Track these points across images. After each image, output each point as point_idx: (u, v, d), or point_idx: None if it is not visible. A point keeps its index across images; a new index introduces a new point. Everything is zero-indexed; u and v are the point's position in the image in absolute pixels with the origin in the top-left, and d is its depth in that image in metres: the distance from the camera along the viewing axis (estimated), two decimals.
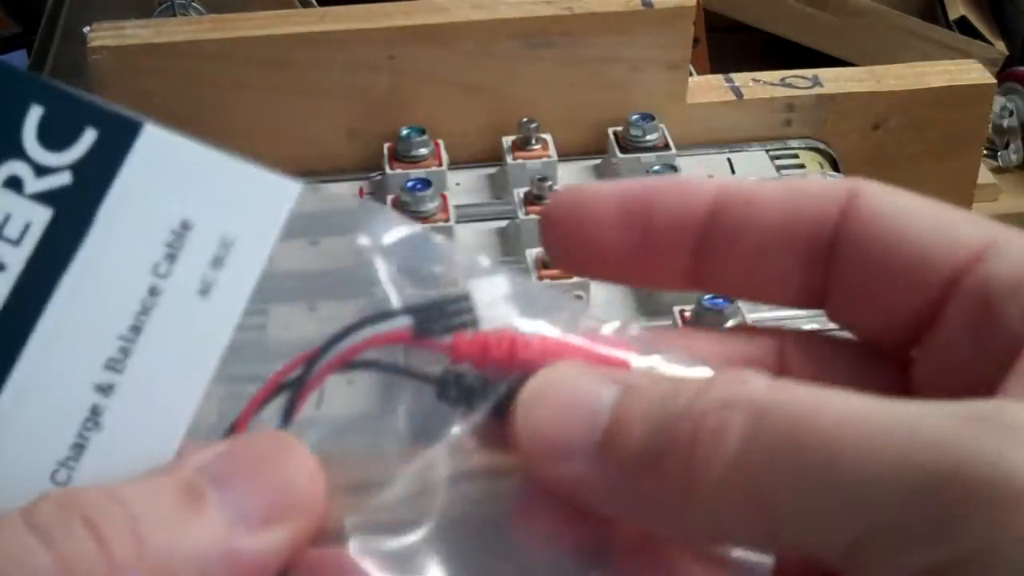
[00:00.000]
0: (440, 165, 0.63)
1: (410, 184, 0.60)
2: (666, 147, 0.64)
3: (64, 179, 0.26)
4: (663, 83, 0.66)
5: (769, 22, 1.25)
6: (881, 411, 0.21)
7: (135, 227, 0.26)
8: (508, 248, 0.61)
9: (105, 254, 0.26)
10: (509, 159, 0.64)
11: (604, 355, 0.25)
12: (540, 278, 0.55)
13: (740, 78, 0.69)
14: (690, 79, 0.67)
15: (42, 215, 0.26)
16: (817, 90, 0.67)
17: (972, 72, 0.68)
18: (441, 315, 0.26)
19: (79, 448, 0.25)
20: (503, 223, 0.63)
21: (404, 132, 0.64)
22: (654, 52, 0.65)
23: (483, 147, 0.67)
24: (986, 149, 1.15)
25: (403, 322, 0.26)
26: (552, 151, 0.64)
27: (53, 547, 0.21)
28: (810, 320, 0.56)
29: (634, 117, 0.65)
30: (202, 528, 0.22)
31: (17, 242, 0.26)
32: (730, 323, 0.52)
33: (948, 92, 0.67)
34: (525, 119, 0.64)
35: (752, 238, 0.26)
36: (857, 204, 0.25)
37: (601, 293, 0.58)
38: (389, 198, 0.60)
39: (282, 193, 0.27)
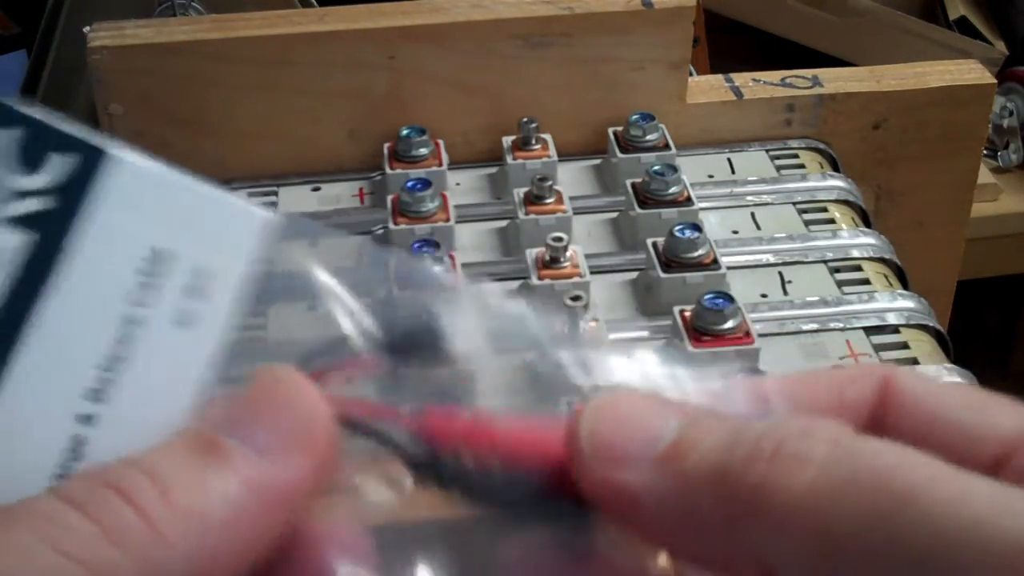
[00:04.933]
0: (440, 165, 0.63)
1: (410, 184, 0.60)
2: (666, 147, 0.64)
3: (35, 205, 0.26)
4: (663, 83, 0.66)
5: (769, 22, 1.25)
6: (973, 479, 0.21)
7: (107, 257, 0.26)
8: (508, 248, 0.61)
9: (78, 284, 0.26)
10: (509, 159, 0.64)
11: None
12: (540, 278, 0.55)
13: (740, 78, 0.69)
14: (690, 79, 0.67)
15: (14, 241, 0.26)
16: (817, 90, 0.67)
17: (972, 72, 0.68)
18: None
19: (58, 480, 0.25)
20: (503, 223, 0.63)
21: (404, 132, 0.63)
22: (654, 52, 0.65)
23: (483, 147, 0.67)
24: (986, 149, 1.15)
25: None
26: (552, 151, 0.64)
27: (89, 514, 0.22)
28: (811, 319, 0.56)
29: (634, 117, 0.65)
30: (222, 470, 0.23)
31: None
32: (729, 323, 0.52)
33: (948, 92, 0.67)
34: (525, 119, 0.64)
35: None
36: (893, 388, 0.26)
37: (601, 293, 0.58)
38: (389, 198, 0.60)
39: (251, 221, 0.27)
